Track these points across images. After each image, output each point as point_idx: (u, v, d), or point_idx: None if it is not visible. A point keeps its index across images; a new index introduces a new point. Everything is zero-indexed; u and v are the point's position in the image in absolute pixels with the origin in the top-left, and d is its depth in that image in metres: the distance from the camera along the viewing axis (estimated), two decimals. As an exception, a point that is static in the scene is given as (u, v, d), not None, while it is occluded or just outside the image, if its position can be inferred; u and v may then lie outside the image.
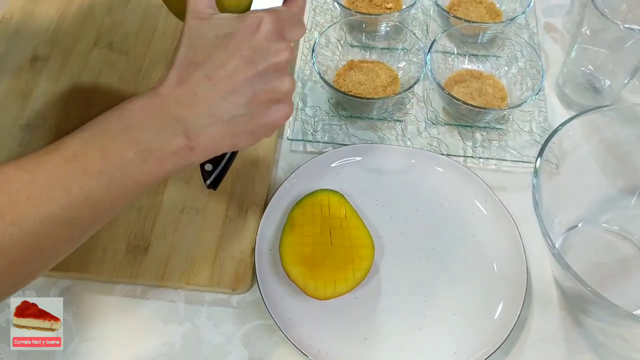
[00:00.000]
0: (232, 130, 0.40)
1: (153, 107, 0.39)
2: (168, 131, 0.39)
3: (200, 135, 0.39)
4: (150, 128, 0.38)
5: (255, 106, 0.40)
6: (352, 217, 0.60)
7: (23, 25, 0.76)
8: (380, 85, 0.70)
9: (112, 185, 0.38)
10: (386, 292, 0.58)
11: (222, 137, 0.40)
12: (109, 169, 0.37)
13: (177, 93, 0.39)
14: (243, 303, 0.58)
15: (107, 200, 0.38)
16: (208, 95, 0.39)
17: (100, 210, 0.39)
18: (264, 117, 0.41)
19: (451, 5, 0.78)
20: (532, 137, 0.68)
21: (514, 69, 0.70)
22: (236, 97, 0.39)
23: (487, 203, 0.62)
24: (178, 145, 0.39)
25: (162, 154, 0.39)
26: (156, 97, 0.39)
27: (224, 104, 0.39)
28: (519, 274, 0.57)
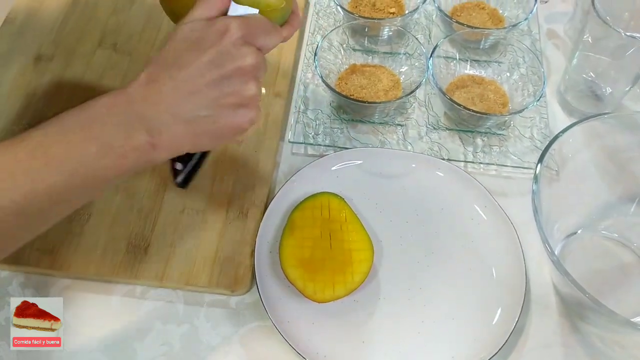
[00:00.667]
0: (194, 131, 0.41)
1: (119, 104, 0.40)
2: (131, 128, 0.40)
3: (163, 133, 0.40)
4: (113, 124, 0.39)
5: (218, 108, 0.41)
6: (352, 220, 0.60)
7: (27, 25, 0.77)
8: (382, 89, 0.70)
9: (73, 179, 0.39)
10: (385, 296, 0.58)
11: (184, 137, 0.41)
12: (71, 163, 0.38)
13: (144, 91, 0.40)
14: (242, 304, 0.58)
15: (68, 193, 0.39)
16: (172, 94, 0.40)
17: (60, 202, 0.40)
18: (227, 120, 0.42)
19: (454, 11, 0.78)
20: (532, 143, 0.68)
21: (515, 75, 0.71)
22: (199, 98, 0.40)
23: (487, 208, 0.62)
24: (140, 142, 0.40)
25: (123, 150, 0.40)
26: (123, 95, 0.40)
27: (186, 104, 0.40)
28: (517, 280, 0.57)
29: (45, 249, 0.59)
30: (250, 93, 0.42)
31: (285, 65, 0.74)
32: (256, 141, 0.67)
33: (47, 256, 0.59)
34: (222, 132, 0.42)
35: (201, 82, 0.40)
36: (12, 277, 0.59)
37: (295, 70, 0.75)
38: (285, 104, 0.71)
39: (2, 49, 0.74)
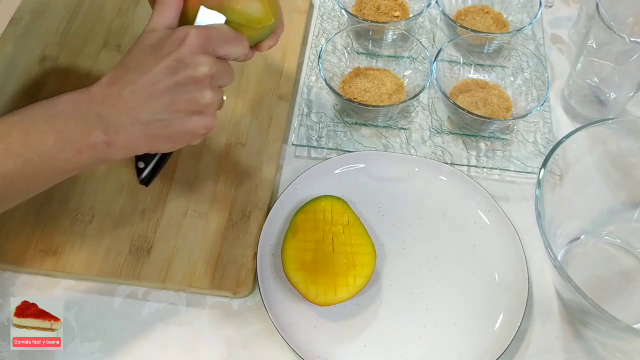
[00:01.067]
0: (149, 133, 0.43)
1: (81, 102, 0.42)
2: (89, 125, 0.42)
3: (119, 134, 0.42)
4: (74, 120, 0.42)
5: (173, 114, 0.43)
6: (354, 223, 0.60)
7: (33, 26, 0.77)
8: (385, 92, 0.70)
9: (29, 167, 0.41)
10: (387, 300, 0.58)
11: (140, 138, 0.43)
12: (28, 152, 0.41)
13: (105, 92, 0.43)
14: (244, 307, 0.58)
15: (23, 181, 0.42)
16: (130, 98, 0.42)
17: (14, 189, 0.43)
18: (181, 125, 0.44)
19: (458, 15, 0.78)
20: (536, 148, 0.68)
21: (519, 80, 0.71)
22: (155, 103, 0.42)
23: (489, 213, 0.62)
24: (96, 140, 0.42)
25: (80, 145, 0.42)
26: (86, 94, 0.43)
27: (143, 108, 0.42)
28: (520, 285, 0.57)
29: (48, 250, 0.59)
30: (205, 101, 0.44)
31: (289, 68, 0.74)
32: (259, 144, 0.67)
33: (50, 257, 0.59)
34: (176, 136, 0.44)
35: (158, 87, 0.42)
36: (15, 277, 0.59)
37: (299, 73, 0.75)
38: (288, 106, 0.71)
39: (7, 49, 0.75)
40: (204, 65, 0.43)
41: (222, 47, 0.45)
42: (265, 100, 0.71)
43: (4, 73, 0.72)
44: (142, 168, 0.50)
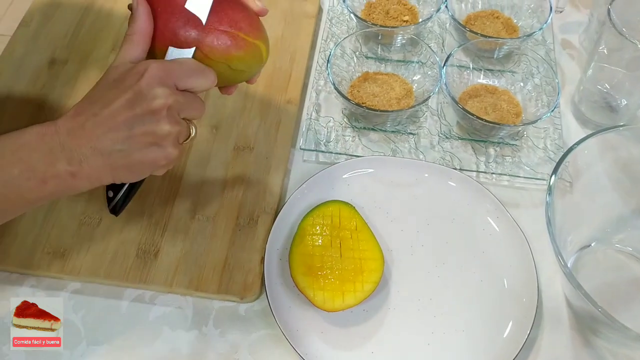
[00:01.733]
0: (110, 163, 0.44)
1: (47, 134, 0.44)
2: (54, 156, 0.43)
3: (82, 164, 0.44)
4: (39, 151, 0.43)
5: (132, 145, 0.44)
6: (362, 229, 0.60)
7: (42, 29, 0.77)
8: (394, 97, 0.70)
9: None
10: (395, 306, 0.57)
11: (102, 169, 0.45)
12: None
13: (69, 124, 0.44)
14: (251, 312, 0.58)
15: None
16: (92, 129, 0.44)
17: None
18: (140, 156, 0.45)
19: (468, 20, 0.78)
20: (546, 154, 0.67)
21: (529, 85, 0.70)
22: (115, 134, 0.44)
23: (499, 219, 0.61)
24: (60, 170, 0.43)
25: (44, 176, 0.43)
26: (52, 126, 0.44)
27: (104, 139, 0.44)
28: (529, 293, 0.56)
29: (56, 253, 0.59)
30: (162, 132, 0.45)
31: (298, 73, 0.74)
32: (267, 148, 0.67)
33: (57, 260, 0.59)
34: (136, 167, 0.46)
35: (118, 120, 0.44)
36: (22, 279, 0.59)
37: (307, 77, 0.75)
38: (297, 110, 0.71)
39: (17, 52, 0.75)
40: (159, 97, 0.44)
41: (183, 79, 0.46)
42: (273, 105, 0.70)
43: (13, 75, 0.73)
44: (112, 197, 0.52)
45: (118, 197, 0.51)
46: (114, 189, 0.52)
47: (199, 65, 0.47)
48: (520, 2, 0.78)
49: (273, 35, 0.77)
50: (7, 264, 0.59)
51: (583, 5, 0.83)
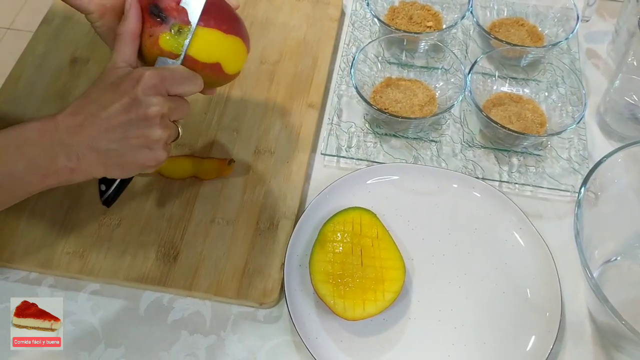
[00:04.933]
0: (104, 161, 0.48)
1: (48, 130, 0.47)
2: (54, 153, 0.46)
3: (80, 160, 0.47)
4: (40, 147, 0.46)
5: (126, 146, 0.48)
6: (383, 237, 0.59)
7: (64, 27, 0.77)
8: (417, 104, 0.69)
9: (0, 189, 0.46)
10: (415, 316, 0.57)
11: (97, 165, 0.48)
12: (0, 176, 0.45)
13: (68, 122, 0.47)
14: (269, 318, 0.57)
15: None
16: (90, 129, 0.47)
17: None
18: (131, 157, 0.48)
19: (492, 26, 0.77)
20: (570, 165, 0.66)
21: (554, 95, 0.69)
22: (110, 135, 0.47)
23: (522, 231, 0.61)
24: (60, 166, 0.47)
25: (46, 170, 0.47)
26: (52, 122, 0.47)
27: (100, 138, 0.47)
28: (553, 306, 0.56)
29: (75, 253, 0.59)
30: (154, 137, 0.48)
31: (320, 76, 0.73)
32: (288, 152, 0.66)
33: (77, 260, 0.59)
34: (128, 165, 0.49)
35: (114, 122, 0.47)
36: (41, 278, 0.59)
37: (329, 82, 0.74)
38: (318, 115, 0.70)
39: (39, 50, 0.75)
40: (155, 105, 0.47)
41: (175, 86, 0.49)
42: (295, 108, 0.70)
43: (35, 73, 0.73)
44: (104, 190, 0.54)
45: (110, 191, 0.54)
46: (106, 183, 0.54)
47: (188, 73, 0.50)
48: (545, 10, 0.77)
49: (295, 38, 0.77)
50: (26, 263, 0.59)
51: (609, 15, 0.82)
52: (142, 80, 0.47)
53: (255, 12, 0.79)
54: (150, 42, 0.50)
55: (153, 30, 0.50)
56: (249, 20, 0.78)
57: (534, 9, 0.78)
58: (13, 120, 0.67)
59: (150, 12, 0.50)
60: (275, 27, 0.78)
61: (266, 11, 0.79)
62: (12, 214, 0.61)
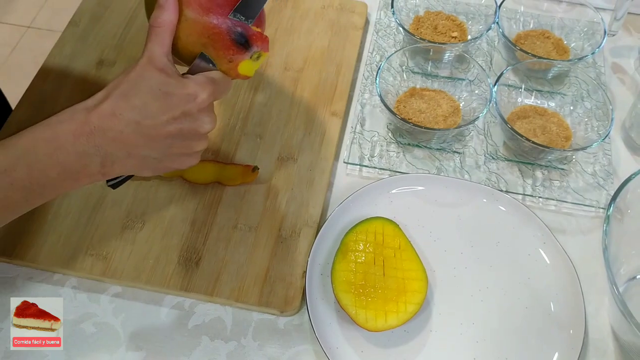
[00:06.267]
0: (141, 165, 0.48)
1: (82, 134, 0.44)
2: (89, 159, 0.45)
3: (115, 165, 0.46)
4: (74, 153, 0.44)
5: (167, 154, 0.47)
6: (406, 248, 0.59)
7: (91, 29, 0.78)
8: (441, 114, 0.69)
9: (31, 196, 0.46)
10: (436, 329, 0.56)
11: (131, 167, 0.48)
12: (33, 185, 0.45)
13: (106, 125, 0.44)
14: (290, 326, 0.57)
15: (24, 205, 0.47)
16: (132, 136, 0.45)
17: (16, 211, 0.47)
18: (170, 163, 0.49)
19: (517, 38, 0.76)
20: (595, 180, 0.66)
21: (579, 109, 0.69)
22: (155, 145, 0.46)
23: (546, 245, 0.60)
24: (93, 170, 0.46)
25: (79, 175, 0.46)
26: (87, 125, 0.44)
27: (143, 147, 0.46)
28: (576, 323, 0.55)
29: (98, 255, 0.59)
30: (198, 149, 0.49)
31: (343, 85, 0.73)
32: (311, 160, 0.66)
33: (100, 262, 0.59)
34: (161, 169, 0.49)
35: (161, 132, 0.45)
36: (65, 279, 0.59)
37: (352, 90, 0.74)
38: (341, 123, 0.70)
39: (66, 51, 0.75)
40: (208, 124, 0.48)
41: (219, 97, 0.49)
42: (318, 116, 0.70)
43: (62, 74, 0.73)
44: None
45: (121, 177, 0.52)
46: None
47: (229, 82, 0.50)
48: (572, 24, 0.77)
49: (320, 45, 0.77)
50: (50, 264, 0.59)
51: (635, 29, 0.81)
52: (200, 98, 0.46)
53: (280, 18, 0.79)
54: (228, 66, 0.49)
55: (235, 57, 0.48)
56: (274, 27, 0.78)
57: (559, 21, 0.78)
58: (39, 119, 0.68)
59: (234, 41, 0.48)
60: (299, 34, 0.78)
61: (291, 17, 0.79)
62: (37, 215, 0.62)
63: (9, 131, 0.68)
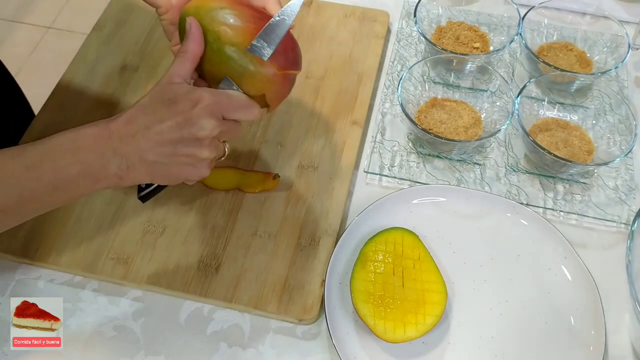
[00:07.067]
0: (152, 171, 0.50)
1: (102, 137, 0.48)
2: (106, 160, 0.48)
3: (129, 169, 0.49)
4: (94, 154, 0.48)
5: (173, 161, 0.50)
6: (425, 259, 0.59)
7: (115, 34, 0.79)
8: (462, 125, 0.69)
9: (55, 191, 0.48)
10: (455, 341, 0.56)
11: (145, 174, 0.50)
12: (56, 180, 0.48)
13: (122, 131, 0.48)
14: (308, 335, 0.57)
15: (48, 200, 0.50)
16: (142, 141, 0.48)
17: (40, 206, 0.50)
18: (177, 171, 0.51)
19: (540, 50, 0.76)
20: (617, 194, 0.65)
21: (602, 123, 0.68)
22: (161, 149, 0.49)
23: (566, 260, 0.60)
24: (111, 173, 0.49)
25: (98, 176, 0.49)
26: (106, 130, 0.49)
27: (151, 151, 0.49)
28: (597, 340, 0.55)
29: (119, 259, 0.60)
30: (201, 157, 0.50)
31: (364, 93, 0.73)
32: (331, 168, 0.67)
33: (121, 266, 0.59)
34: (172, 178, 0.52)
35: (166, 137, 0.48)
36: (85, 282, 0.60)
37: (373, 99, 0.74)
38: (362, 132, 0.70)
39: (90, 55, 0.76)
40: (207, 128, 0.49)
41: (231, 112, 0.51)
42: (339, 125, 0.70)
43: (86, 78, 0.74)
44: (144, 187, 0.56)
45: (150, 188, 0.55)
46: None
47: (247, 101, 0.52)
48: (595, 36, 0.76)
49: (341, 54, 0.77)
50: (72, 266, 0.60)
51: (659, 42, 0.80)
52: (200, 103, 0.49)
53: (302, 26, 0.79)
54: None
55: None
56: (295, 35, 0.78)
57: (583, 34, 0.77)
58: (62, 123, 0.69)
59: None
60: (321, 42, 0.78)
61: (313, 25, 0.80)
62: (60, 218, 0.62)
63: (32, 134, 0.69)
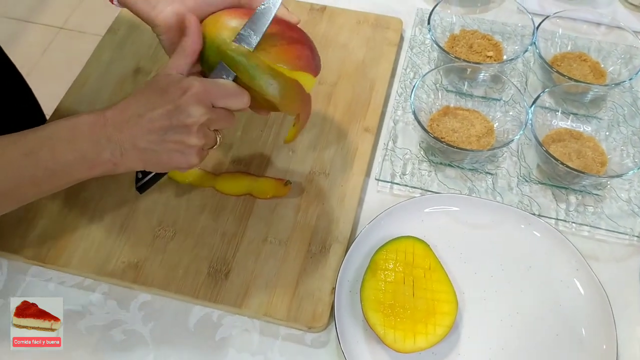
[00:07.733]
0: (144, 158, 0.51)
1: (97, 124, 0.50)
2: (101, 147, 0.50)
3: (123, 156, 0.50)
4: (89, 142, 0.50)
5: (163, 148, 0.51)
6: (436, 269, 0.59)
7: (129, 38, 0.79)
8: (474, 134, 0.68)
9: (53, 177, 0.50)
10: (465, 352, 0.56)
11: (137, 161, 0.52)
12: (54, 165, 0.50)
13: (117, 119, 0.50)
14: (317, 342, 0.57)
15: (47, 185, 0.51)
16: (134, 127, 0.50)
17: (38, 191, 0.52)
18: (167, 158, 0.52)
19: (554, 60, 0.76)
20: (630, 207, 0.65)
21: (615, 134, 0.68)
22: (151, 136, 0.50)
23: (578, 272, 0.59)
24: (105, 159, 0.50)
25: (93, 163, 0.50)
26: (102, 117, 0.50)
27: (141, 138, 0.50)
28: (608, 353, 0.54)
29: (130, 263, 0.60)
30: (189, 144, 0.51)
31: (377, 101, 0.73)
32: (343, 175, 0.66)
33: (131, 270, 0.59)
34: (163, 164, 0.53)
35: (156, 125, 0.50)
36: (95, 285, 0.60)
37: (385, 106, 0.74)
38: (373, 139, 0.70)
39: (104, 57, 0.77)
40: (195, 115, 0.50)
41: (220, 100, 0.52)
42: (351, 131, 0.70)
43: (100, 80, 0.74)
44: (140, 178, 0.58)
45: (145, 179, 0.57)
46: (142, 172, 0.58)
47: (236, 89, 0.53)
48: (609, 47, 0.76)
49: (354, 60, 0.77)
50: (82, 269, 0.60)
51: (674, 54, 0.80)
52: (189, 91, 0.50)
53: (315, 32, 0.79)
54: None
55: None
56: (309, 40, 0.78)
57: (597, 44, 0.77)
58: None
59: None
60: (334, 48, 0.78)
61: (326, 32, 0.80)
62: (71, 220, 0.63)
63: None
